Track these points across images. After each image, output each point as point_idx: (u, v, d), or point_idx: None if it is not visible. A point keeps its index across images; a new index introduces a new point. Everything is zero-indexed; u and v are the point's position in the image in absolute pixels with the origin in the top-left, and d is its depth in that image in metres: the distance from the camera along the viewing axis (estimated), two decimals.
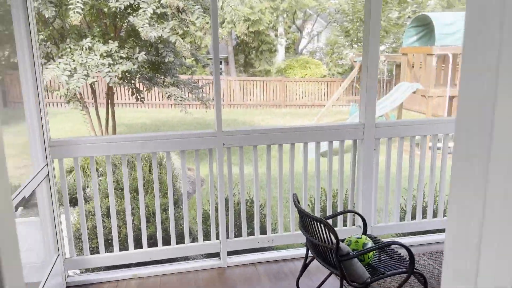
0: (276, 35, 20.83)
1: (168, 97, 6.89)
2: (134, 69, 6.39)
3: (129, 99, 15.70)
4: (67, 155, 3.16)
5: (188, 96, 7.28)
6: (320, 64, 19.72)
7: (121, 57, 6.47)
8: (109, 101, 8.00)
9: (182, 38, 6.36)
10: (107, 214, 3.95)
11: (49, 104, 15.42)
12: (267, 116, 15.58)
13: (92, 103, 8.26)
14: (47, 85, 6.54)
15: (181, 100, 6.74)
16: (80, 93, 7.60)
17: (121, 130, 10.97)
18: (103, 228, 3.58)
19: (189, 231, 3.45)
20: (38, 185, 2.88)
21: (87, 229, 3.61)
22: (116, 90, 13.82)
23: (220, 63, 21.79)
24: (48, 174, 3.04)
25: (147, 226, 3.90)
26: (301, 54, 22.74)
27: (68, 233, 3.24)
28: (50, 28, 6.70)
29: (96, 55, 6.29)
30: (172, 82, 6.97)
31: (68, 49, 6.37)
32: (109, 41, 6.48)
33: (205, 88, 7.89)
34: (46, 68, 6.00)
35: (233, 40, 20.31)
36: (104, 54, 6.32)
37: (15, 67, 2.89)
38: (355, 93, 16.33)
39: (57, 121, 12.96)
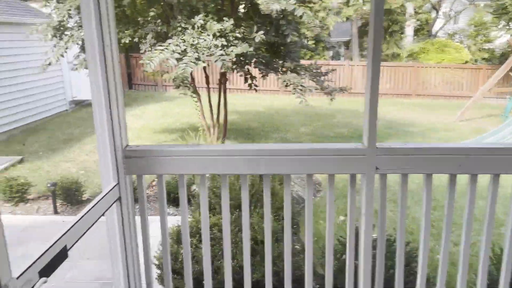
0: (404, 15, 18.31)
1: (286, 85, 5.82)
2: (250, 52, 5.42)
3: (243, 85, 15.16)
4: (148, 171, 2.22)
5: (309, 84, 6.09)
6: (461, 48, 16.74)
7: (236, 38, 5.54)
8: (222, 88, 7.23)
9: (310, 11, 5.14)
10: (195, 241, 3.00)
11: (154, 88, 15.73)
12: (392, 107, 13.56)
13: (205, 88, 7.61)
14: (159, 67, 5.96)
15: (301, 90, 5.60)
16: (192, 78, 6.97)
17: (232, 119, 10.31)
18: (192, 271, 2.64)
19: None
20: (104, 212, 1.99)
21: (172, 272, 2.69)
22: (231, 75, 13.32)
23: (339, 47, 20.06)
24: (120, 197, 2.13)
25: (252, 267, 2.87)
26: (435, 36, 19.76)
27: (147, 278, 2.34)
28: (162, 3, 6.06)
29: (208, 35, 5.46)
30: (292, 68, 5.85)
31: (179, 28, 5.65)
32: (224, 18, 5.60)
33: (329, 75, 6.61)
34: (155, 49, 5.37)
35: (358, 21, 18.37)
36: (218, 34, 5.45)
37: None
38: None
39: (165, 105, 12.97)
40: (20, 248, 4.38)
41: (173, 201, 5.17)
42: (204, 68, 6.45)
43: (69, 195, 5.47)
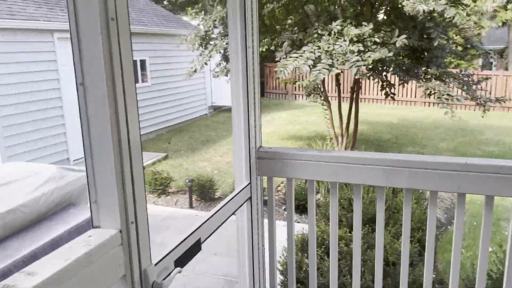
0: None
1: (428, 94, 5.29)
2: (388, 57, 5.08)
3: (376, 94, 14.50)
4: (279, 173, 2.18)
5: (457, 93, 5.43)
6: None
7: (375, 43, 5.26)
8: (354, 96, 6.97)
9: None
10: (320, 252, 2.86)
11: (284, 96, 15.97)
12: None
13: (335, 97, 7.45)
14: (291, 75, 6.02)
15: (447, 99, 5.02)
16: (322, 86, 6.89)
17: (362, 129, 9.89)
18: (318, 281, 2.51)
19: None
20: (236, 210, 2.01)
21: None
22: (364, 83, 12.84)
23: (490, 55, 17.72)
24: (251, 197, 2.14)
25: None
26: None
27: (271, 281, 2.29)
28: (301, 11, 6.12)
29: (345, 41, 5.30)
30: (437, 75, 5.30)
31: (315, 35, 5.62)
32: (363, 23, 5.38)
33: (482, 84, 5.81)
34: (290, 57, 5.42)
35: None
36: (355, 39, 5.25)
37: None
38: None
39: (294, 113, 13.07)
40: (158, 236, 4.82)
41: (296, 207, 5.12)
42: (337, 75, 6.30)
43: (203, 192, 5.86)
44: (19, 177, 4.32)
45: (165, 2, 16.56)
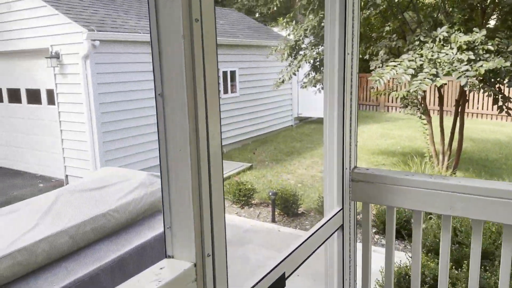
0: None
1: None
2: (505, 67, 4.43)
3: (482, 109, 13.09)
4: (377, 200, 1.89)
5: None
6: None
7: (488, 51, 4.63)
8: (459, 110, 6.26)
9: None
10: None
11: (375, 108, 15.07)
12: None
13: (437, 111, 6.77)
14: (384, 86, 5.56)
15: None
16: (422, 98, 6.29)
17: (465, 146, 8.90)
18: None
19: None
20: (325, 241, 1.77)
21: None
22: (469, 96, 11.66)
23: None
24: (343, 225, 1.87)
25: None
26: None
27: None
28: (400, 17, 5.66)
29: (452, 49, 4.74)
30: None
31: (417, 42, 5.13)
32: (474, 29, 4.77)
33: None
34: (386, 66, 5.01)
35: None
36: (464, 47, 4.67)
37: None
38: None
39: (386, 126, 12.26)
40: (240, 249, 4.71)
41: (377, 229, 4.66)
42: (439, 87, 5.70)
43: (286, 206, 5.65)
44: (112, 182, 4.52)
45: (257, 15, 16.89)
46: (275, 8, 6.66)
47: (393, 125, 12.44)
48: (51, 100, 7.45)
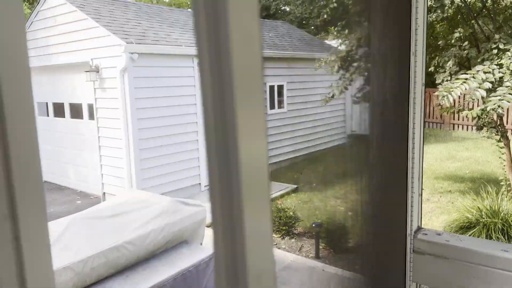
0: None
1: None
2: None
3: None
4: (451, 286, 1.19)
5: None
6: None
7: None
8: None
9: None
10: None
11: (440, 126, 13.71)
12: None
13: None
14: (453, 103, 4.68)
15: None
16: (498, 116, 5.30)
17: None
18: None
19: None
20: None
21: None
22: None
23: None
24: None
25: None
26: None
27: None
28: (471, 22, 4.78)
29: None
30: None
31: (495, 51, 4.24)
32: None
33: None
34: (456, 79, 4.17)
35: None
36: None
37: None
38: None
39: (452, 147, 10.99)
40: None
41: None
42: None
43: (333, 239, 4.90)
44: (131, 208, 4.07)
45: (311, 27, 16.32)
46: (324, 16, 6.00)
47: (460, 146, 11.16)
48: (91, 115, 7.31)
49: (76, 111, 7.77)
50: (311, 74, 9.91)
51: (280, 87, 9.28)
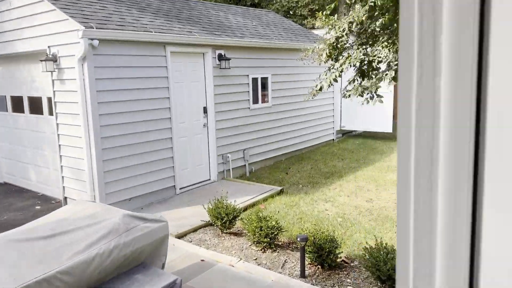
0: None
1: None
2: None
3: None
4: None
5: None
6: None
7: None
8: None
9: None
10: None
11: None
12: None
13: None
14: None
15: None
16: None
17: None
18: None
19: None
20: None
21: None
22: None
23: None
24: None
25: None
26: None
27: None
28: None
29: None
30: None
31: None
32: None
33: None
34: None
35: None
36: None
37: None
38: None
39: None
40: None
41: None
42: None
43: (320, 254, 4.23)
44: (76, 225, 3.34)
45: (299, 16, 15.57)
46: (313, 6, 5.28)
47: None
48: (51, 110, 6.51)
49: (36, 105, 6.95)
50: (297, 66, 9.22)
51: (264, 80, 8.58)
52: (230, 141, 7.84)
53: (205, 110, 7.37)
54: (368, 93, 5.34)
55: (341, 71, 5.47)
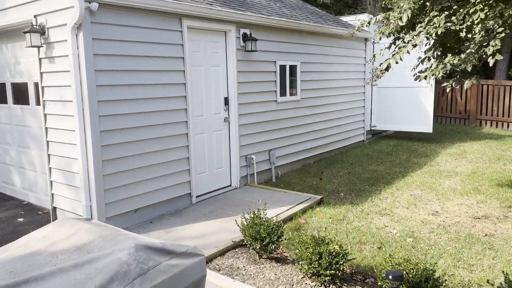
0: None
1: None
2: None
3: None
4: None
5: None
6: None
7: None
8: None
9: None
10: None
11: (462, 122, 11.86)
12: None
13: None
14: None
15: None
16: None
17: None
18: None
19: None
20: None
21: None
22: None
23: None
24: None
25: None
26: None
27: None
28: None
29: None
30: None
31: None
32: None
33: None
34: None
35: None
36: None
37: None
38: None
39: (492, 145, 9.15)
40: None
41: None
42: None
43: None
44: (61, 264, 2.05)
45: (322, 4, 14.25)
46: None
47: (502, 144, 9.31)
48: (38, 99, 5.23)
49: (21, 93, 5.66)
50: (329, 55, 7.96)
51: (293, 68, 7.30)
52: (255, 140, 6.54)
53: (226, 101, 6.08)
54: (457, 73, 4.05)
55: (414, 45, 4.19)
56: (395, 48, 4.55)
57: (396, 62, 4.21)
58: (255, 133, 6.54)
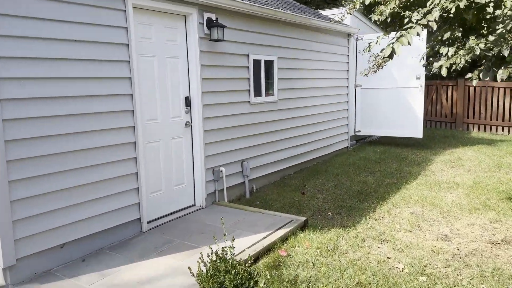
0: None
1: None
2: None
3: None
4: None
5: None
6: None
7: None
8: None
9: None
10: None
11: (449, 125, 11.13)
12: None
13: None
14: None
15: None
16: None
17: None
18: None
19: None
20: None
21: None
22: None
23: None
24: None
25: None
26: None
27: None
28: None
29: None
30: None
31: None
32: None
33: None
34: None
35: None
36: None
37: None
38: None
39: (486, 150, 8.38)
40: None
41: None
42: None
43: None
44: None
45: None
46: None
47: (497, 150, 8.53)
48: None
49: None
50: (310, 50, 6.98)
51: (269, 64, 6.25)
52: (224, 149, 5.44)
53: (188, 101, 4.95)
54: (485, 61, 3.07)
55: (424, 25, 3.21)
56: (397, 34, 3.54)
57: (404, 45, 3.20)
58: (225, 141, 5.44)
